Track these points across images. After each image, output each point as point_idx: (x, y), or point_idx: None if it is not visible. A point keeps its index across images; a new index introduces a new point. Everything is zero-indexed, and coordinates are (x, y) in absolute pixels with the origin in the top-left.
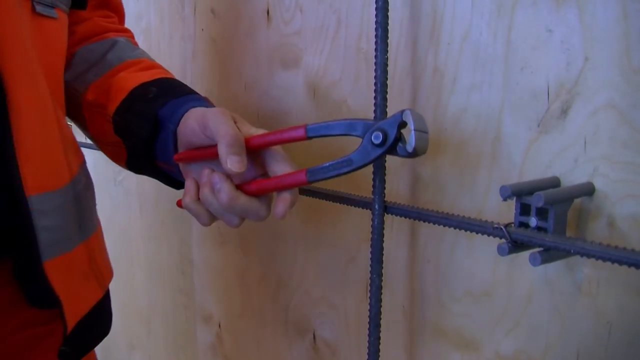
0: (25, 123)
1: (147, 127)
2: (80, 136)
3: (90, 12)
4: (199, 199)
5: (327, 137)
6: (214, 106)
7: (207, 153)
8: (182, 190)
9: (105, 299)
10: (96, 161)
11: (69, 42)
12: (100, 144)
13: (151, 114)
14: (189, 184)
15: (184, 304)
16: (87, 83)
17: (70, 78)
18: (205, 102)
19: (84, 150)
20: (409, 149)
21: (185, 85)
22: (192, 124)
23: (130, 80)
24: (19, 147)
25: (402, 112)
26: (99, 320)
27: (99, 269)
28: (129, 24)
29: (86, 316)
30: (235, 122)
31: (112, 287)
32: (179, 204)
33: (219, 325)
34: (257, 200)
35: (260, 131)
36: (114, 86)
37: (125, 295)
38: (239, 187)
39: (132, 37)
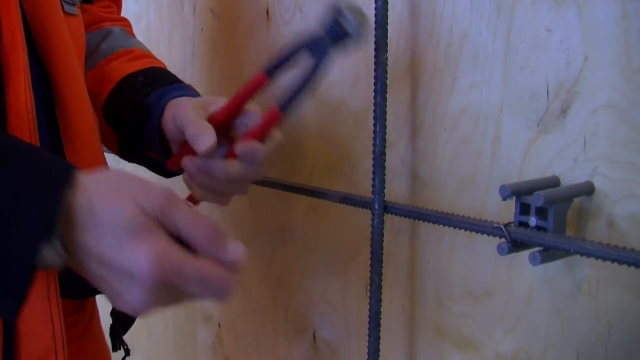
0: (71, 121)
1: (133, 116)
2: None
3: (92, 5)
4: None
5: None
6: (197, 94)
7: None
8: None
9: None
10: None
11: None
12: None
13: (137, 103)
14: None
15: (183, 304)
16: None
17: None
18: (188, 91)
19: None
20: (351, 27)
21: (172, 74)
22: (169, 123)
23: (120, 70)
24: (66, 143)
25: (333, 7)
26: None
27: None
28: None
29: None
30: (206, 108)
31: None
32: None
33: (219, 325)
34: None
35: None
36: (105, 76)
37: None
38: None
39: (129, 26)
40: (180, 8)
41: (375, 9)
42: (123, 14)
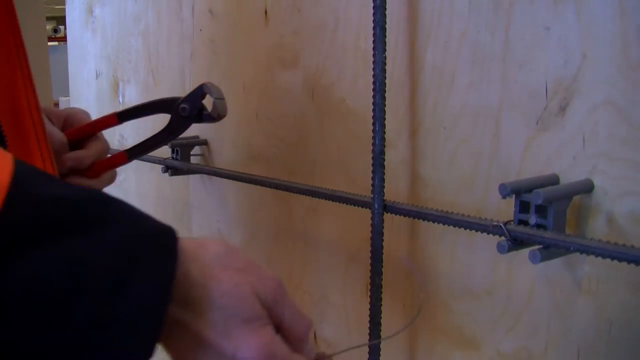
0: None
1: None
2: None
3: None
4: None
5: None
6: None
7: None
8: None
9: None
10: None
11: None
12: None
13: None
14: None
15: None
16: None
17: None
18: None
19: None
20: (214, 114)
21: None
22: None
23: None
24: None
25: (201, 85)
26: None
27: None
28: (127, 26)
29: None
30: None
31: None
32: None
33: None
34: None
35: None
36: None
37: None
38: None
39: None
40: (178, 9)
41: (374, 8)
42: (122, 14)
